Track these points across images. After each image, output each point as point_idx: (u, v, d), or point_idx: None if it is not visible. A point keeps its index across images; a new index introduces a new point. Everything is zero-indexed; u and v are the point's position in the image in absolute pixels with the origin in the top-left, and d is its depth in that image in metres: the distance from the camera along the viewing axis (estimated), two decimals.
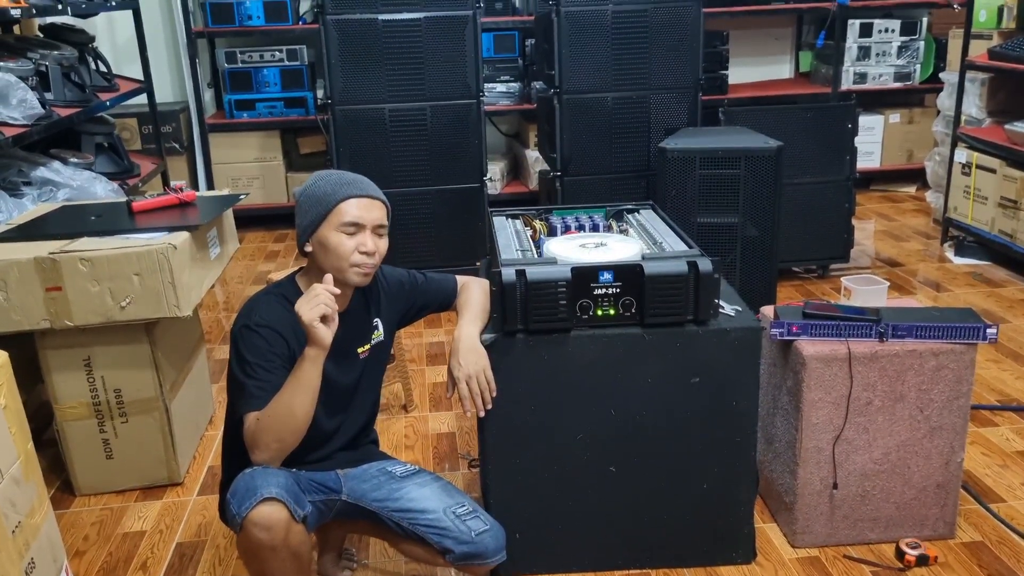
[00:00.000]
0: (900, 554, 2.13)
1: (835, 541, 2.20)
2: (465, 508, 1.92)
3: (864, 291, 2.30)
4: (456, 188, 3.94)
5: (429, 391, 3.17)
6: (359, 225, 1.81)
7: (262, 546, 1.70)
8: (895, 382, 2.07)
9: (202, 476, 2.65)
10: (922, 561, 2.10)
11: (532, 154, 5.15)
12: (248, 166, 5.24)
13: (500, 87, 5.21)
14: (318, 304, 1.69)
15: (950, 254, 4.42)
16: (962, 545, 2.19)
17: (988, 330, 2.04)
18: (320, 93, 5.04)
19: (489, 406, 1.95)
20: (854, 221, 4.06)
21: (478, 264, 2.48)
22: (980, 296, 3.86)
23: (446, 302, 2.10)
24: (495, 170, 5.16)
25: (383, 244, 1.87)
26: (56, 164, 3.36)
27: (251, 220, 5.19)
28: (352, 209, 1.81)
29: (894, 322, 2.06)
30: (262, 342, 1.77)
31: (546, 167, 4.29)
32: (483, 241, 3.99)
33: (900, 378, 2.07)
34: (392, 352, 2.62)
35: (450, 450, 2.75)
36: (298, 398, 1.72)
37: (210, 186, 5.21)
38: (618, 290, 1.95)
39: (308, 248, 1.85)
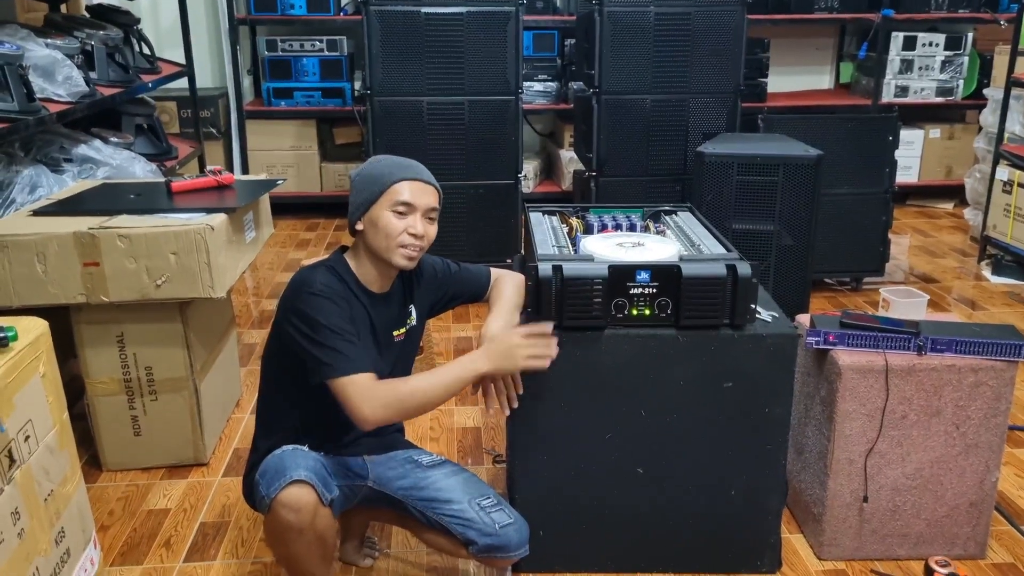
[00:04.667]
0: (929, 572, 2.09)
1: (862, 555, 2.16)
2: (490, 500, 1.92)
3: (903, 303, 2.26)
4: (490, 184, 3.93)
5: None
6: (411, 206, 1.82)
7: (289, 528, 1.70)
8: (932, 397, 2.04)
9: (227, 458, 2.66)
10: None
11: (567, 154, 5.13)
12: (283, 154, 5.27)
13: (537, 86, 5.20)
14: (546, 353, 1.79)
15: (987, 273, 4.36)
16: (992, 566, 2.15)
17: None
18: (358, 84, 5.06)
19: (515, 404, 1.92)
20: (890, 235, 4.01)
21: (509, 261, 2.47)
22: (1017, 316, 3.79)
23: (478, 293, 2.09)
24: (528, 169, 5.15)
25: (432, 230, 1.87)
26: (97, 142, 3.39)
27: (284, 208, 5.22)
28: (406, 190, 1.82)
29: (933, 336, 2.03)
30: (333, 306, 1.75)
31: (581, 167, 4.28)
32: (515, 238, 3.99)
33: (937, 393, 2.03)
34: (420, 344, 2.62)
35: (475, 444, 2.75)
36: (442, 392, 1.76)
37: (245, 172, 5.25)
38: (654, 290, 1.93)
39: (359, 227, 1.85)
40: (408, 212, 1.82)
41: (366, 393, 1.69)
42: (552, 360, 1.86)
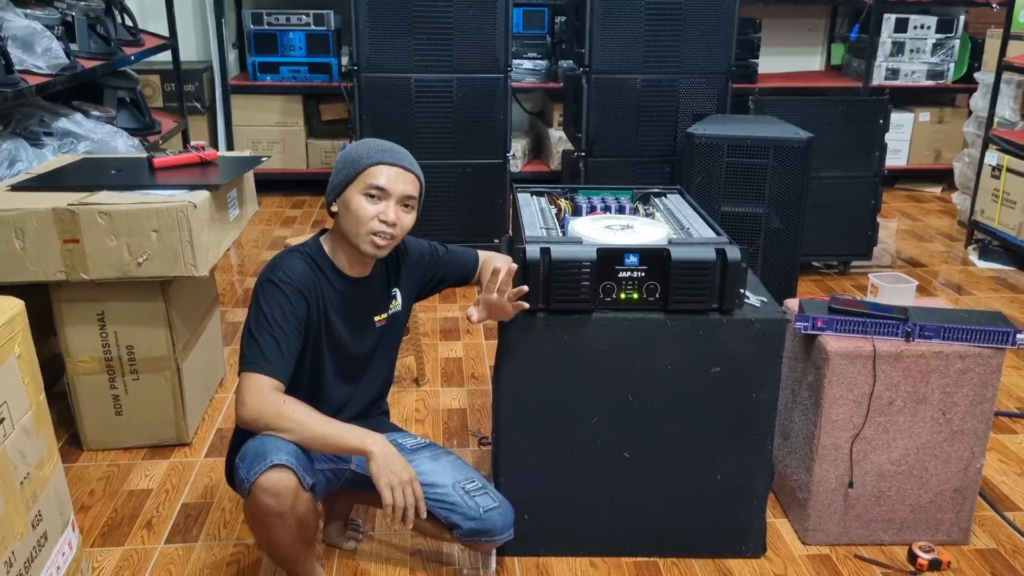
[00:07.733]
0: (912, 557, 2.10)
1: (847, 540, 2.17)
2: (474, 484, 1.91)
3: (892, 289, 2.25)
4: (478, 163, 3.90)
5: (441, 366, 3.15)
6: (384, 191, 1.78)
7: (269, 512, 1.68)
8: (919, 383, 2.03)
9: (210, 438, 2.63)
10: (935, 566, 2.07)
11: (556, 133, 5.10)
12: (269, 130, 5.20)
13: (527, 64, 5.15)
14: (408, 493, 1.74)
15: (974, 257, 4.36)
16: (976, 552, 2.16)
17: (1018, 335, 2.00)
18: (345, 60, 4.99)
19: (526, 304, 1.87)
20: (878, 219, 4.00)
21: (497, 241, 2.44)
22: (1003, 302, 3.80)
23: (467, 276, 2.07)
24: (517, 148, 5.11)
25: (407, 219, 1.83)
26: (78, 116, 3.33)
27: (269, 185, 5.17)
28: (381, 174, 1.78)
29: (922, 322, 2.02)
30: (284, 299, 1.75)
31: (570, 147, 4.24)
32: (503, 218, 3.96)
33: (924, 379, 2.03)
34: (407, 325, 2.60)
35: (460, 426, 2.73)
36: (315, 439, 1.71)
37: (230, 147, 5.19)
38: (643, 274, 1.91)
39: (334, 208, 1.83)
40: (381, 197, 1.78)
41: (253, 394, 1.69)
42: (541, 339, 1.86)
